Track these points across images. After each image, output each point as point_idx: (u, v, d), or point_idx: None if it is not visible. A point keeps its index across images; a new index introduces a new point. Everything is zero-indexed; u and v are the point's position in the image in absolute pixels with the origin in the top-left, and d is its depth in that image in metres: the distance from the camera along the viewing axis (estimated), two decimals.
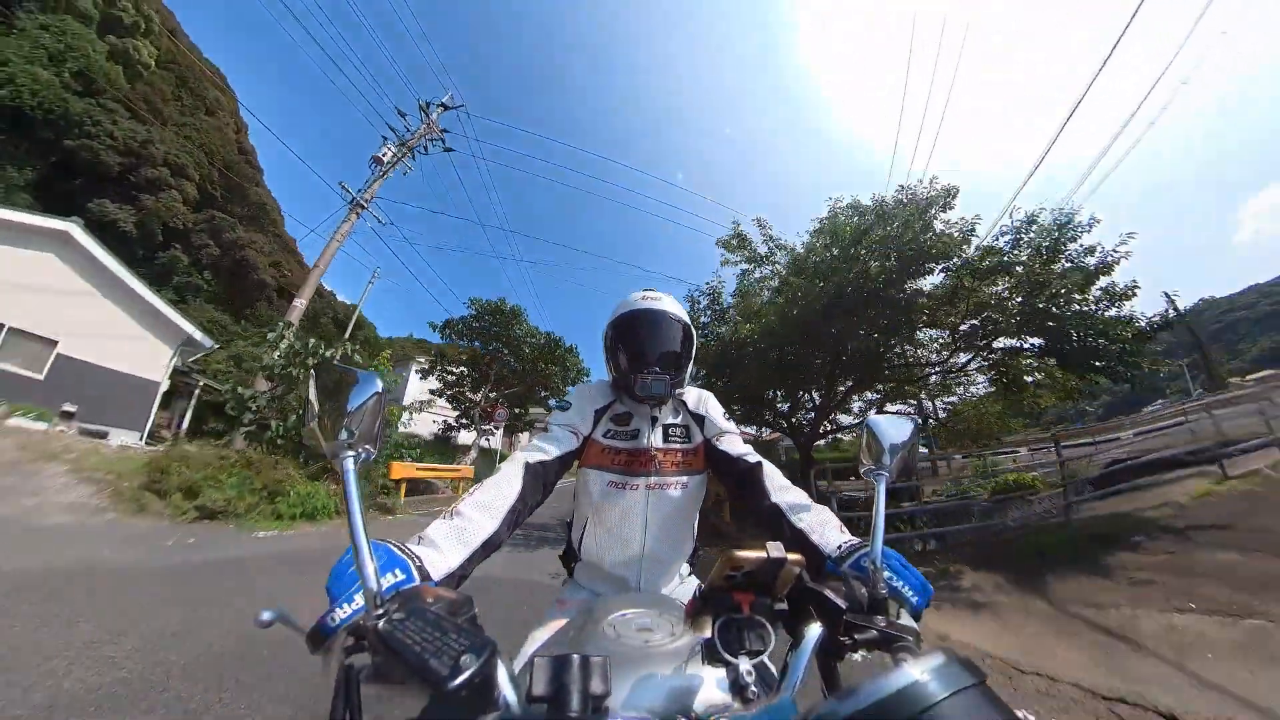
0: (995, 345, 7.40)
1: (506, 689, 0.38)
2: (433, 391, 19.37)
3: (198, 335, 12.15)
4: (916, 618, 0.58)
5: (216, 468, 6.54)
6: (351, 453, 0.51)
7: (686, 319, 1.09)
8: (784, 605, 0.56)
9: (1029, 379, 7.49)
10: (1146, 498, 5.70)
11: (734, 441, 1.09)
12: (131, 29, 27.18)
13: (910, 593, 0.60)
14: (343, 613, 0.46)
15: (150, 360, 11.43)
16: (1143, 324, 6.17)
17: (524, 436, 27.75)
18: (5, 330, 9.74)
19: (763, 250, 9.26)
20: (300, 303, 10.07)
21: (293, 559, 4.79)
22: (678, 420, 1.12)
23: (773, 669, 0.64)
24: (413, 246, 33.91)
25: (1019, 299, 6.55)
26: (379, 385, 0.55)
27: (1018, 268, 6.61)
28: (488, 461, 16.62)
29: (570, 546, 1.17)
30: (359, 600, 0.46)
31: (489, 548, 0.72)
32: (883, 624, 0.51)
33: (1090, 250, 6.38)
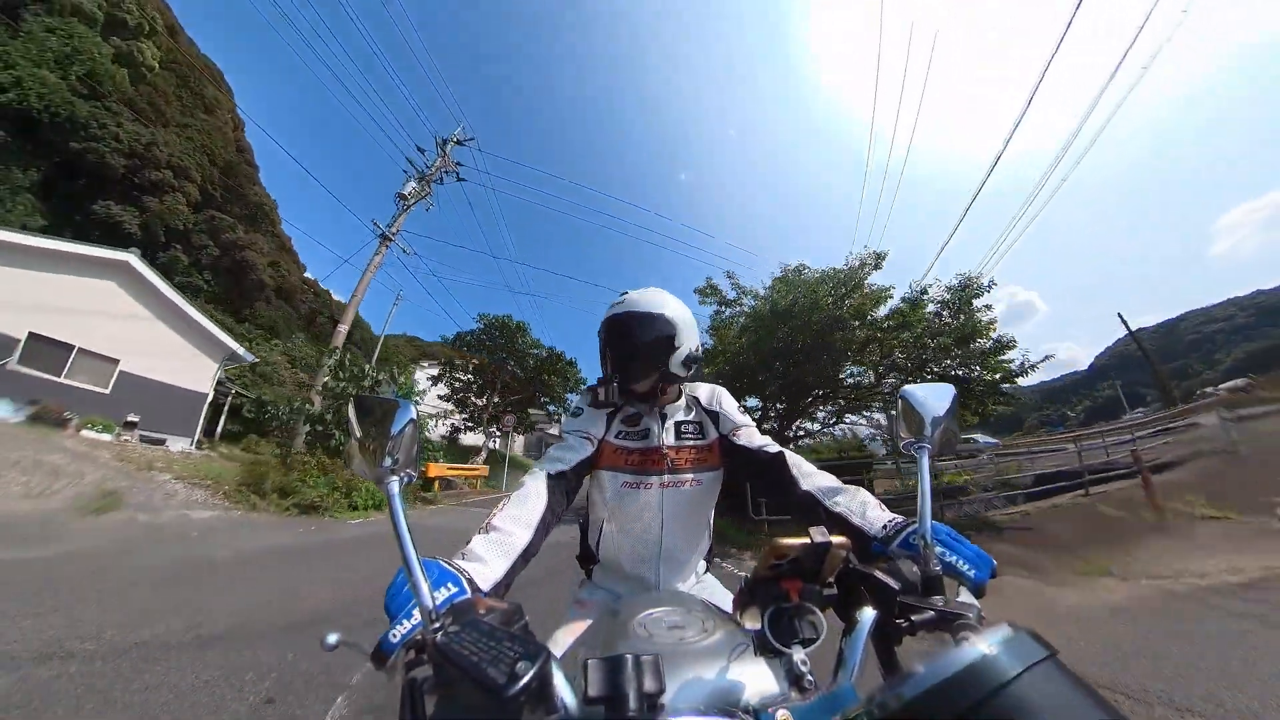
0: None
1: (564, 692, 0.40)
2: (441, 397, 21.02)
3: (240, 350, 13.68)
4: (979, 593, 0.57)
5: (301, 472, 8.23)
6: (395, 477, 0.56)
7: (666, 310, 1.05)
8: (834, 591, 0.55)
9: None
10: (1027, 505, 7.76)
11: (751, 434, 1.10)
12: (136, 30, 27.93)
13: (966, 567, 0.60)
14: (402, 629, 0.50)
15: (198, 374, 12.95)
16: (1014, 367, 8.44)
17: (519, 439, 29.42)
18: (75, 351, 11.20)
19: (731, 295, 11.98)
20: (343, 328, 11.71)
21: (386, 536, 6.62)
22: (690, 417, 1.14)
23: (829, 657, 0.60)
24: (432, 272, 35.32)
25: (926, 343, 8.85)
26: (414, 413, 0.60)
27: (918, 324, 9.03)
28: (497, 461, 18.37)
29: (587, 548, 1.19)
30: (416, 616, 0.49)
31: (527, 557, 0.77)
32: (940, 603, 0.50)
33: (980, 309, 8.74)
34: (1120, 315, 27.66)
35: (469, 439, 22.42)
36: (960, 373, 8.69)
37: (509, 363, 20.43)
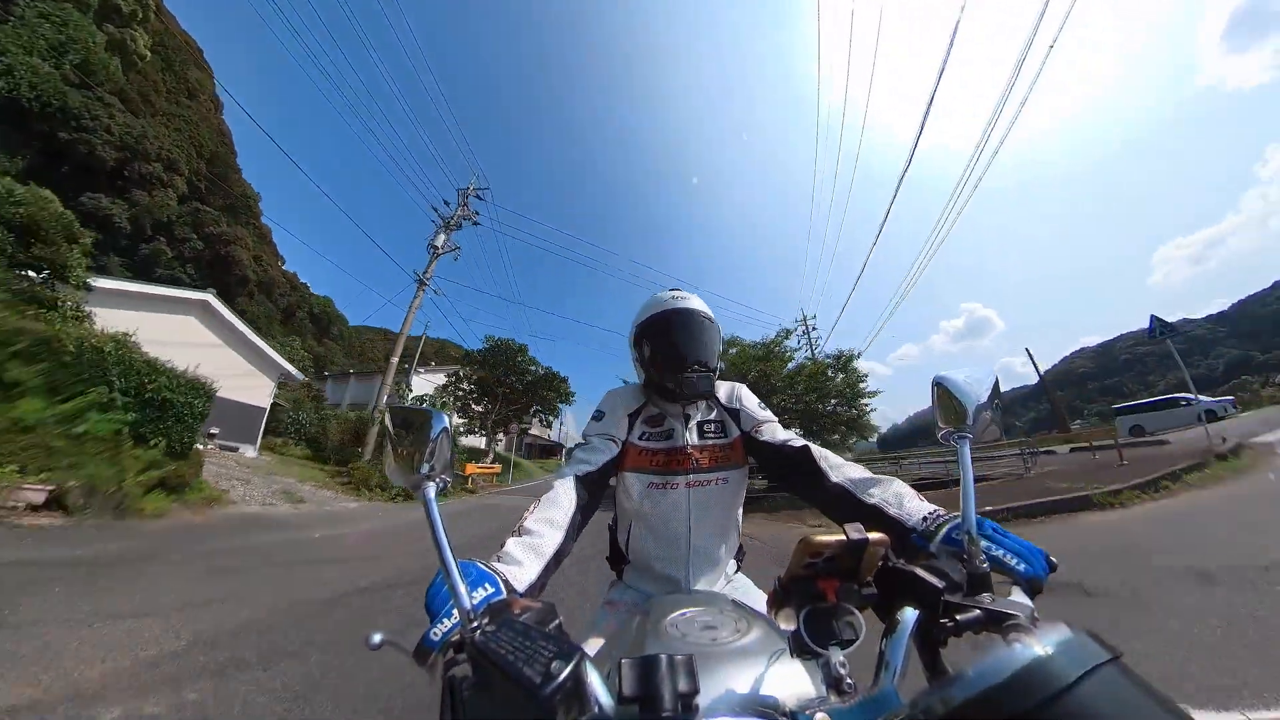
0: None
1: (599, 691, 0.41)
2: (443, 404, 24.57)
3: (292, 370, 16.63)
4: (1034, 590, 0.55)
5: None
6: (432, 483, 0.60)
7: (713, 315, 1.18)
8: (873, 589, 0.55)
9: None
10: None
11: (774, 429, 1.15)
12: (129, 17, 28.91)
13: (1016, 561, 0.58)
14: (442, 628, 0.53)
15: (259, 391, 15.82)
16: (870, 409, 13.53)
17: (502, 438, 33.05)
18: None
19: None
20: (394, 360, 15.04)
21: (473, 508, 10.46)
22: (712, 416, 1.20)
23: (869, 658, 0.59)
24: (464, 317, 38.31)
25: (805, 395, 13.77)
26: (446, 422, 0.64)
27: (800, 383, 14.03)
28: (502, 461, 22.68)
29: (616, 549, 1.26)
30: (456, 615, 0.53)
31: (559, 557, 0.81)
32: (988, 601, 0.49)
33: (853, 369, 13.99)
34: (1028, 350, 33.28)
35: (467, 440, 26.00)
36: (821, 407, 13.99)
37: (509, 377, 24.08)
